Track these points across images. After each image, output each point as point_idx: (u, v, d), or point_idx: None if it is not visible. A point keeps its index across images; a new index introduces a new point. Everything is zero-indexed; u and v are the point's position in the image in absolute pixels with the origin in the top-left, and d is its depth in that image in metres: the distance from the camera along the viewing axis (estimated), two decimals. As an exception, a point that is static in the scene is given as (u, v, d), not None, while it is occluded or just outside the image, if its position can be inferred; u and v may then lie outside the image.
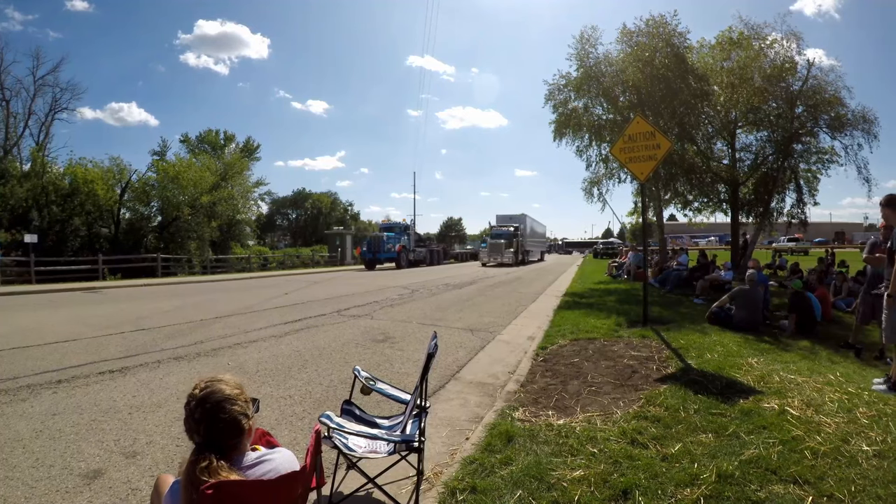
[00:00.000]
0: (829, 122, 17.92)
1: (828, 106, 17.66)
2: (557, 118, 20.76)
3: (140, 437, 4.32)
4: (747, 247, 19.70)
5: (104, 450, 4.05)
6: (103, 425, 4.58)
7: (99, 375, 6.16)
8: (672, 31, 18.55)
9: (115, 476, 3.61)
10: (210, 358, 7.16)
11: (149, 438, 4.30)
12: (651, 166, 9.89)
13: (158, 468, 3.73)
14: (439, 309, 12.85)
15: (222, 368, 6.56)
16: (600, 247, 62.86)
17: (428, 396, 3.21)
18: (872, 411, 4.73)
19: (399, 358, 7.42)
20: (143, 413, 4.92)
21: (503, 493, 3.26)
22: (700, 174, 19.97)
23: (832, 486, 3.29)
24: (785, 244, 48.20)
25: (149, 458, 3.91)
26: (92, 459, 3.87)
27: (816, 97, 17.88)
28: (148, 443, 4.22)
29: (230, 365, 6.81)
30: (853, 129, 17.69)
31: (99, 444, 4.17)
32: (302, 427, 4.65)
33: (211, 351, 7.56)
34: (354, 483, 3.21)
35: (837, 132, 17.94)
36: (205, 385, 1.94)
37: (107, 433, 4.40)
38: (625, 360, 6.93)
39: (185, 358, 7.10)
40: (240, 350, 7.68)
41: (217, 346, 7.91)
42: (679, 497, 3.18)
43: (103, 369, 6.42)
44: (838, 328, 9.62)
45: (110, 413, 4.90)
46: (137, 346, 7.82)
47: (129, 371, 6.39)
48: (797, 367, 6.39)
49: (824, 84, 17.98)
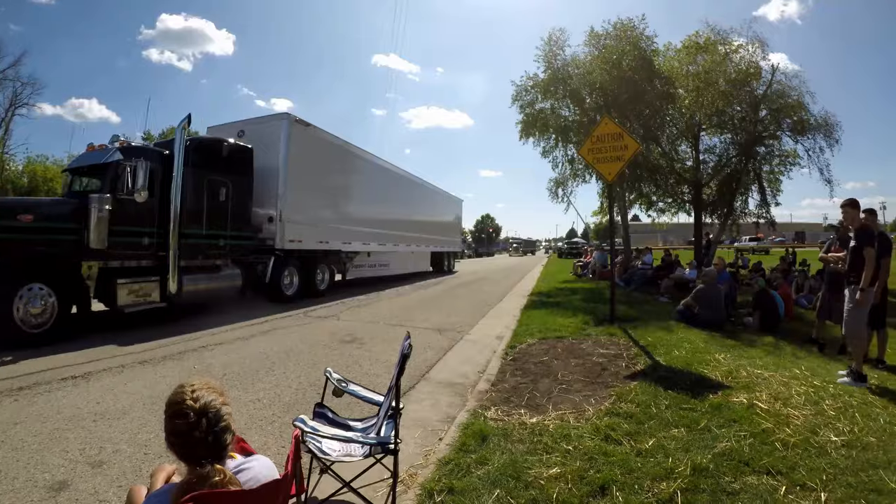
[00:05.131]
0: (792, 126, 18.34)
1: (791, 110, 18.08)
2: (524, 119, 20.97)
3: (106, 446, 4.12)
4: (710, 246, 20.05)
5: (69, 460, 3.85)
6: (67, 434, 4.36)
7: (61, 382, 5.89)
8: (640, 34, 18.90)
9: (81, 487, 3.43)
10: (176, 362, 6.93)
11: (115, 447, 4.10)
12: (618, 167, 9.97)
13: (126, 478, 3.57)
14: (406, 309, 12.75)
15: (189, 372, 6.36)
16: (564, 246, 62.48)
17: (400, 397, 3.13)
18: (839, 403, 4.84)
19: (368, 359, 7.31)
20: (108, 420, 4.71)
21: (481, 492, 3.21)
22: (664, 175, 20.34)
23: (804, 476, 3.35)
24: (746, 244, 49.20)
25: (116, 468, 3.73)
26: (57, 470, 3.67)
27: (780, 101, 18.30)
28: (114, 451, 4.02)
29: (196, 368, 6.59)
30: (815, 132, 18.13)
31: (63, 454, 3.96)
32: (272, 431, 4.51)
33: (177, 354, 7.32)
34: (329, 488, 3.10)
35: (800, 136, 18.37)
36: (200, 393, 1.80)
37: (71, 442, 4.18)
38: (594, 357, 6.94)
39: (151, 362, 6.85)
40: (206, 353, 7.45)
41: (183, 349, 7.66)
42: (656, 491, 3.18)
43: (66, 375, 6.14)
44: (801, 324, 9.82)
45: (74, 421, 4.67)
46: (100, 350, 7.53)
47: (92, 376, 6.13)
48: (763, 363, 6.50)
49: (788, 89, 18.42)
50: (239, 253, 12.15)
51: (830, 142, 18.11)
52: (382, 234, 19.61)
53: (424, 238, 25.16)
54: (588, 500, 3.13)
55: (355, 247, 17.53)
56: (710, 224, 21.79)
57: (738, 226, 22.29)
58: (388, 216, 20.45)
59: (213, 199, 11.05)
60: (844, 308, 6.21)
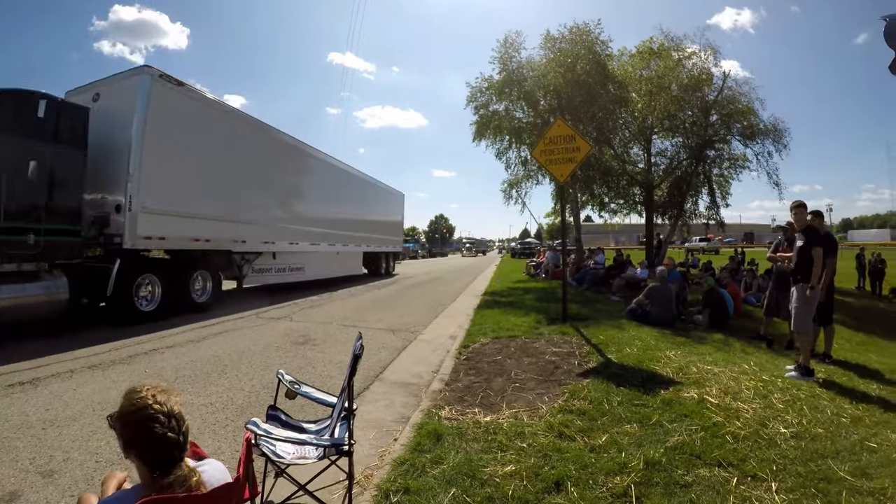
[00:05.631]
0: (742, 131, 18.98)
1: (741, 116, 18.72)
2: (478, 120, 21.02)
3: (56, 454, 3.90)
4: (661, 246, 20.46)
5: (19, 469, 3.64)
6: (16, 443, 4.11)
7: (8, 388, 5.55)
8: (595, 38, 19.16)
9: (32, 498, 3.25)
10: (126, 365, 6.64)
11: (66, 455, 3.89)
12: (571, 168, 10.03)
13: (78, 486, 3.40)
14: (359, 310, 12.56)
15: (140, 376, 6.11)
16: (517, 246, 62.54)
17: (353, 398, 3.04)
18: (787, 396, 4.95)
19: (321, 360, 7.15)
20: (58, 427, 4.46)
21: (437, 492, 3.16)
22: (616, 177, 20.73)
23: (755, 467, 3.39)
24: (697, 244, 50.47)
25: (67, 477, 3.54)
26: (7, 481, 3.45)
27: (731, 107, 18.93)
28: (65, 459, 3.81)
29: (148, 372, 6.35)
30: (764, 138, 18.83)
31: (13, 463, 3.73)
32: (226, 435, 4.35)
33: (126, 358, 7.02)
34: (285, 491, 2.99)
35: (750, 140, 19.04)
36: (160, 396, 1.75)
37: (20, 451, 3.94)
38: (546, 356, 6.93)
39: (100, 367, 6.54)
40: (156, 356, 7.17)
41: (133, 352, 7.35)
42: (610, 485, 3.17)
43: (13, 381, 5.80)
44: (749, 321, 10.07)
45: (23, 429, 4.41)
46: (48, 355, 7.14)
47: (40, 382, 5.81)
48: (713, 359, 6.60)
49: (738, 95, 19.11)
50: (63, 254, 8.74)
51: (779, 147, 18.83)
52: (294, 231, 15.90)
53: (355, 237, 21.26)
54: (543, 496, 3.10)
55: (252, 245, 13.72)
56: (661, 225, 22.26)
57: (688, 227, 22.83)
58: (303, 209, 16.85)
59: (17, 178, 7.69)
60: (792, 305, 6.35)
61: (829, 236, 6.95)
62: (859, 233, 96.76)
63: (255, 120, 14.08)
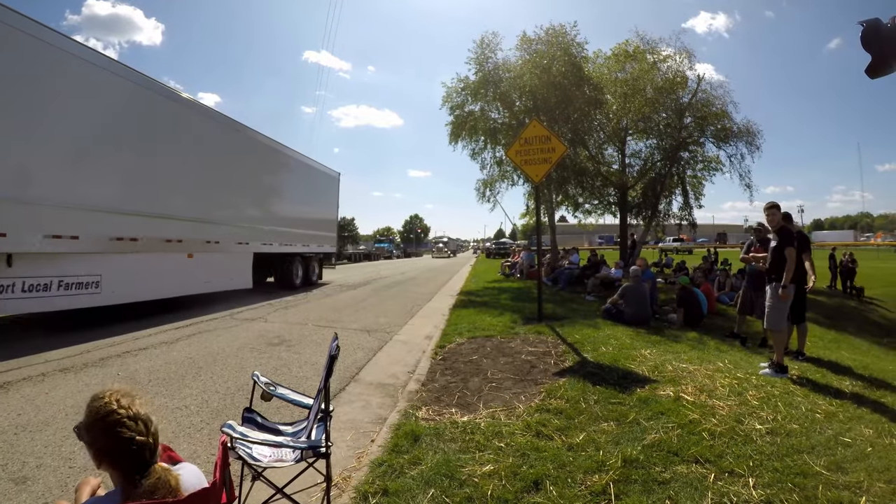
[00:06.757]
0: (716, 134, 19.27)
1: (715, 118, 18.99)
2: (454, 120, 20.99)
3: (29, 461, 3.76)
4: (635, 246, 20.65)
5: None
6: None
7: None
8: (571, 40, 19.25)
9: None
10: (98, 368, 6.46)
11: (38, 461, 3.76)
12: (546, 169, 10.05)
13: (52, 493, 3.29)
14: (335, 310, 12.42)
15: (114, 379, 5.93)
16: (492, 246, 62.21)
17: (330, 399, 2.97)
18: (761, 393, 4.98)
19: (297, 361, 7.04)
20: (30, 433, 4.31)
21: (416, 492, 3.14)
22: (591, 178, 20.89)
23: (731, 463, 3.40)
24: (670, 244, 51.08)
25: (41, 483, 3.42)
26: None
27: (705, 110, 19.20)
28: (38, 466, 3.68)
29: (121, 375, 6.18)
30: (738, 140, 19.15)
31: None
32: (201, 439, 4.24)
33: (99, 361, 6.83)
34: (262, 495, 2.91)
35: (723, 143, 19.35)
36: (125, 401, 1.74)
37: None
38: (523, 355, 6.91)
39: (72, 370, 6.35)
40: (129, 358, 6.99)
41: (105, 354, 7.16)
42: (588, 483, 3.15)
43: None
44: (723, 320, 10.20)
45: None
46: (18, 358, 6.92)
47: (11, 386, 5.62)
48: (688, 357, 6.64)
49: (713, 98, 19.38)
50: None
51: (752, 149, 19.16)
52: (66, 215, 8.34)
53: (239, 230, 13.86)
54: (522, 495, 3.09)
55: None
56: (635, 225, 22.47)
57: (662, 227, 23.09)
58: (107, 182, 9.28)
59: None
60: (766, 303, 6.42)
61: (802, 234, 7.06)
62: (824, 233, 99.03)
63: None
